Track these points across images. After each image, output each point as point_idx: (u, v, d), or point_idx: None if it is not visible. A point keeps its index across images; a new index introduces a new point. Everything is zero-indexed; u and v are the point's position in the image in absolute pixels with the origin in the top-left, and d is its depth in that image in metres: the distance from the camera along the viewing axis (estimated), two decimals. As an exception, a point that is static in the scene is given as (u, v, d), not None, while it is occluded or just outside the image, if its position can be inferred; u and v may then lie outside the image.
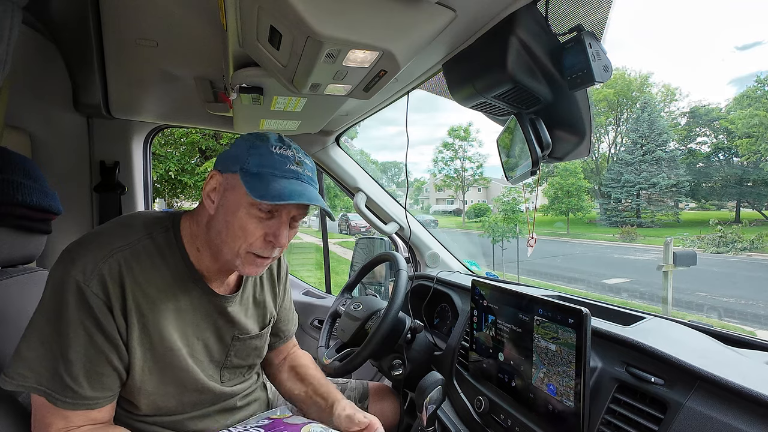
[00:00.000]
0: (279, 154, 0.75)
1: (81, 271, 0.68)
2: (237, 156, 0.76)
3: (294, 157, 0.77)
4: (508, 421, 0.90)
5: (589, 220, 26.05)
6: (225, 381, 0.89)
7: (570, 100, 0.83)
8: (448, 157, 29.56)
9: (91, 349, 0.68)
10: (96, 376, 0.69)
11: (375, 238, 1.94)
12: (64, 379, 0.66)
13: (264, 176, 0.73)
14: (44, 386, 0.66)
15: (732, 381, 0.62)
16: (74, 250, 0.72)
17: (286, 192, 0.71)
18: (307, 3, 0.57)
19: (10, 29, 0.64)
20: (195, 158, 10.96)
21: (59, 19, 1.00)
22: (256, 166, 0.74)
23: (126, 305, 0.71)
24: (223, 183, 0.76)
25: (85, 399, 0.68)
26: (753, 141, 20.81)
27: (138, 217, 0.81)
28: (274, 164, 0.74)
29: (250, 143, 0.76)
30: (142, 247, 0.75)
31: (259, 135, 0.78)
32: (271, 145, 0.76)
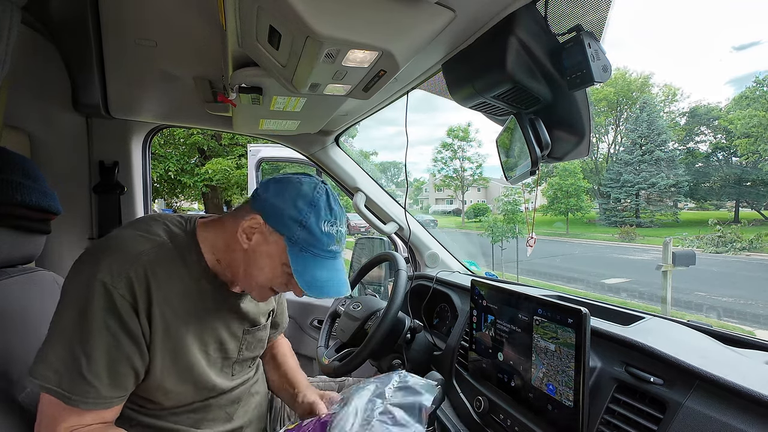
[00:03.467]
0: (326, 233, 0.78)
1: (108, 272, 0.69)
2: (285, 216, 0.77)
3: (337, 234, 0.80)
4: (507, 421, 0.90)
5: (588, 220, 26.07)
6: (235, 374, 0.92)
7: (569, 100, 0.83)
8: (448, 157, 29.58)
9: (115, 350, 0.69)
10: (117, 376, 0.70)
11: (374, 238, 1.94)
12: (86, 377, 0.67)
13: (308, 258, 0.78)
14: (63, 389, 0.66)
15: (731, 381, 0.62)
16: (99, 252, 0.72)
17: (324, 284, 0.78)
18: (306, 3, 0.57)
19: (9, 29, 0.64)
20: (194, 158, 10.96)
21: (58, 19, 1.00)
22: (303, 242, 0.77)
23: (151, 308, 0.72)
24: (265, 232, 0.78)
25: (103, 398, 0.69)
26: (752, 141, 20.84)
27: (157, 220, 0.82)
28: (320, 245, 0.78)
29: (302, 211, 0.77)
30: (165, 251, 0.77)
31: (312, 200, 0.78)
32: (322, 219, 0.78)
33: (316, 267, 0.78)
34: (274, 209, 0.78)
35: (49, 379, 0.66)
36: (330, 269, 0.80)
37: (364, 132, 69.62)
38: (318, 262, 0.78)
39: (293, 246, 0.77)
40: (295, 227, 0.76)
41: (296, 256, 0.77)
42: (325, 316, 1.44)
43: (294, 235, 0.77)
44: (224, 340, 0.87)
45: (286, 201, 0.77)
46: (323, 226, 0.78)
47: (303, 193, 0.78)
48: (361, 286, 1.71)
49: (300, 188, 0.79)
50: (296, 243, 0.77)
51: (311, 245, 0.77)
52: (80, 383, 0.67)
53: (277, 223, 0.77)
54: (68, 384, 0.66)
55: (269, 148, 3.86)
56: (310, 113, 1.25)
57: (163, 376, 0.76)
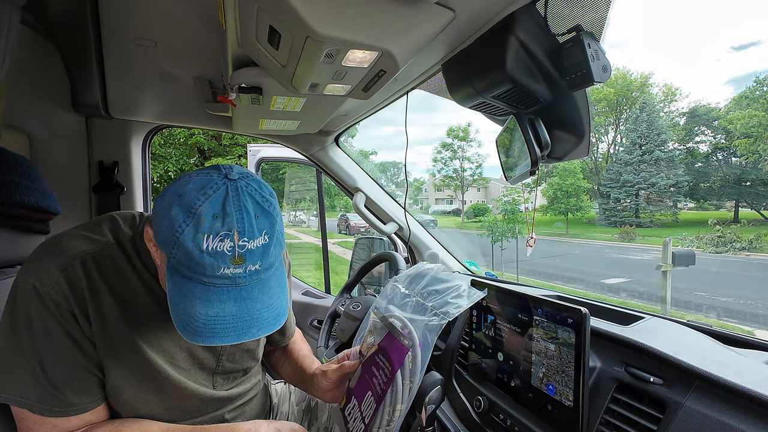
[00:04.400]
0: (210, 252, 0.57)
1: (38, 277, 0.64)
2: (161, 230, 0.60)
3: (233, 250, 0.57)
4: (507, 421, 0.90)
5: (588, 220, 26.09)
6: (218, 386, 0.86)
7: (569, 100, 0.83)
8: (447, 157, 29.59)
9: (64, 357, 0.65)
10: (77, 381, 0.66)
11: (374, 238, 1.94)
12: (46, 389, 0.63)
13: (189, 286, 0.58)
14: (27, 398, 0.63)
15: (730, 380, 0.62)
16: (33, 256, 0.68)
17: (209, 327, 0.57)
18: (306, 3, 0.57)
19: (9, 29, 0.64)
20: (194, 158, 10.96)
21: (58, 19, 1.00)
22: (180, 265, 0.58)
23: (88, 311, 0.67)
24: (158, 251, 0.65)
25: (74, 405, 0.65)
26: (752, 141, 20.87)
27: (106, 220, 0.76)
28: (202, 269, 0.57)
29: (176, 220, 0.57)
30: (107, 252, 0.70)
31: (190, 206, 0.58)
32: (201, 231, 0.57)
33: (197, 299, 0.58)
34: (156, 219, 0.61)
35: (10, 389, 0.63)
36: (223, 302, 0.58)
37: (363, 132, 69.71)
38: (203, 292, 0.58)
39: (172, 271, 0.60)
40: (171, 245, 0.58)
41: (174, 284, 0.59)
42: (324, 316, 1.44)
43: (170, 256, 0.58)
44: (194, 350, 0.79)
45: (163, 208, 0.59)
46: (204, 242, 0.56)
47: (183, 196, 0.58)
48: (360, 286, 1.71)
49: (183, 188, 0.59)
50: (174, 267, 0.59)
51: (191, 270, 0.58)
52: (43, 393, 0.63)
53: (157, 238, 0.61)
54: (31, 393, 0.63)
55: (269, 148, 3.85)
56: (309, 113, 1.25)
57: (120, 384, 0.71)
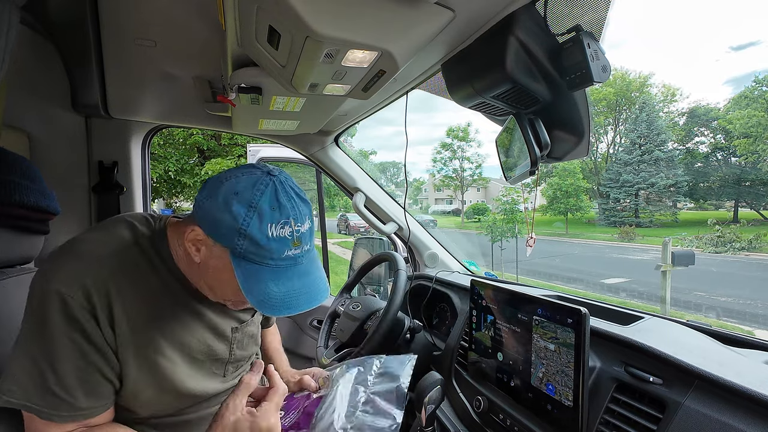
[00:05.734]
0: (276, 238, 0.64)
1: (63, 282, 0.64)
2: (222, 226, 0.64)
3: (292, 235, 0.66)
4: (507, 421, 0.90)
5: (587, 220, 26.09)
6: (228, 375, 0.89)
7: (569, 100, 0.83)
8: (447, 157, 29.60)
9: (81, 361, 0.65)
10: (89, 386, 0.67)
11: (374, 238, 1.94)
12: (56, 393, 0.63)
13: (259, 270, 0.65)
14: (34, 403, 0.63)
15: (730, 380, 0.62)
16: (56, 260, 0.68)
17: (285, 299, 0.65)
18: (306, 3, 0.57)
19: (8, 29, 0.64)
20: (194, 158, 10.96)
21: (57, 19, 1.00)
22: (248, 253, 0.64)
23: (113, 316, 0.67)
24: (210, 245, 0.68)
25: (80, 410, 0.66)
26: (751, 141, 20.86)
27: (119, 222, 0.76)
28: (270, 254, 0.65)
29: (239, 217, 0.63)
30: (129, 255, 0.72)
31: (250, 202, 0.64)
32: (266, 221, 0.64)
33: (270, 281, 0.65)
34: (211, 218, 0.65)
35: (16, 394, 0.63)
36: (291, 279, 0.67)
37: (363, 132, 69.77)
38: (273, 273, 0.66)
39: (239, 260, 0.65)
40: (235, 238, 0.64)
41: (244, 272, 0.65)
42: (324, 316, 1.44)
43: (237, 247, 0.64)
44: (211, 342, 0.82)
45: (220, 206, 0.64)
46: (270, 230, 0.64)
47: (240, 194, 0.65)
48: (360, 286, 1.71)
49: (235, 188, 0.65)
50: (242, 256, 0.65)
51: (260, 256, 0.65)
52: (50, 398, 0.63)
53: (216, 235, 0.66)
54: (38, 399, 0.63)
55: (269, 148, 3.85)
56: (309, 113, 1.25)
57: (138, 386, 0.72)
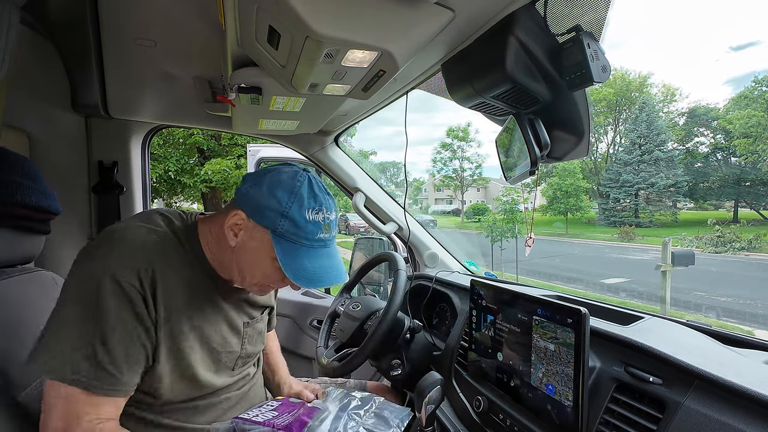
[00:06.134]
0: (312, 221, 0.76)
1: (115, 264, 0.70)
2: (266, 209, 0.76)
3: (324, 221, 0.78)
4: (507, 421, 0.90)
5: (587, 220, 26.09)
6: (236, 369, 0.92)
7: (568, 100, 0.83)
8: (447, 157, 29.58)
9: (129, 337, 0.70)
10: (132, 361, 0.71)
11: (374, 238, 1.94)
12: (105, 366, 0.68)
13: (296, 248, 0.76)
14: (81, 375, 0.66)
15: (730, 380, 0.62)
16: (103, 245, 0.73)
17: (317, 273, 0.76)
18: (305, 3, 0.57)
19: (8, 29, 0.64)
20: (194, 158, 10.94)
21: (57, 19, 1.00)
22: (288, 233, 0.76)
23: (156, 298, 0.73)
24: (250, 228, 0.78)
25: (123, 384, 0.70)
26: (751, 141, 20.84)
27: (160, 213, 0.83)
28: (306, 235, 0.76)
29: (282, 201, 0.76)
30: (168, 242, 0.78)
31: (292, 189, 0.76)
32: (305, 207, 0.76)
33: (305, 257, 0.77)
34: (256, 203, 0.77)
35: (66, 370, 0.66)
36: (321, 258, 0.79)
37: (363, 132, 69.76)
38: (307, 252, 0.77)
39: (279, 239, 0.76)
40: (277, 219, 0.75)
41: (283, 249, 0.76)
42: (324, 316, 1.44)
43: (278, 227, 0.75)
44: (226, 335, 0.87)
45: (265, 193, 0.76)
46: (308, 214, 0.76)
47: (283, 183, 0.77)
48: (360, 286, 1.71)
49: (279, 178, 0.78)
50: (282, 235, 0.76)
51: (297, 236, 0.76)
52: (101, 372, 0.67)
53: (260, 217, 0.76)
54: (90, 373, 0.67)
55: (269, 148, 3.86)
56: (309, 113, 1.26)
57: (162, 370, 0.76)
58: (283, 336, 1.90)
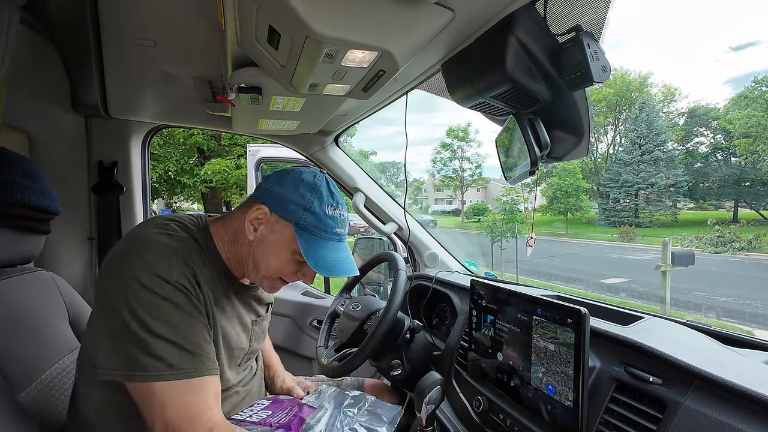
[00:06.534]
0: (331, 216, 0.83)
1: (157, 267, 0.71)
2: (290, 203, 0.81)
3: (340, 217, 0.85)
4: (507, 421, 0.90)
5: (587, 220, 26.09)
6: (242, 365, 0.94)
7: (568, 100, 0.83)
8: (447, 157, 29.58)
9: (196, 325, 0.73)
10: (209, 344, 0.75)
11: (374, 238, 1.94)
12: (196, 353, 0.71)
13: (316, 240, 0.82)
14: (182, 368, 0.68)
15: (730, 380, 0.62)
16: (136, 250, 0.73)
17: (335, 264, 0.82)
18: (305, 3, 0.57)
19: (8, 29, 0.64)
20: (194, 158, 10.94)
21: (58, 19, 1.00)
22: (311, 225, 0.81)
23: (204, 295, 0.77)
24: (271, 222, 0.82)
25: (215, 364, 0.74)
26: (751, 141, 20.83)
27: (171, 219, 0.84)
28: (325, 228, 0.82)
29: (305, 197, 0.82)
30: (190, 245, 0.80)
31: (314, 187, 0.83)
32: (325, 203, 0.83)
33: (324, 249, 0.82)
34: (279, 198, 0.82)
35: (160, 367, 0.67)
36: (338, 251, 0.84)
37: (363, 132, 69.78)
38: (326, 244, 0.82)
39: (302, 231, 0.81)
40: (300, 212, 0.81)
41: (305, 240, 0.81)
42: (324, 316, 1.44)
43: (301, 220, 0.81)
44: (239, 331, 0.89)
45: (289, 189, 0.82)
46: (327, 209, 0.82)
47: (305, 181, 0.83)
48: (360, 286, 1.71)
49: (301, 176, 0.84)
50: (304, 228, 0.81)
51: (318, 228, 0.81)
52: (195, 359, 0.70)
53: (283, 211, 0.81)
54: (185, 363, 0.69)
55: (268, 148, 3.85)
56: (309, 113, 1.26)
57: None
58: (283, 336, 1.90)
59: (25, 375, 0.83)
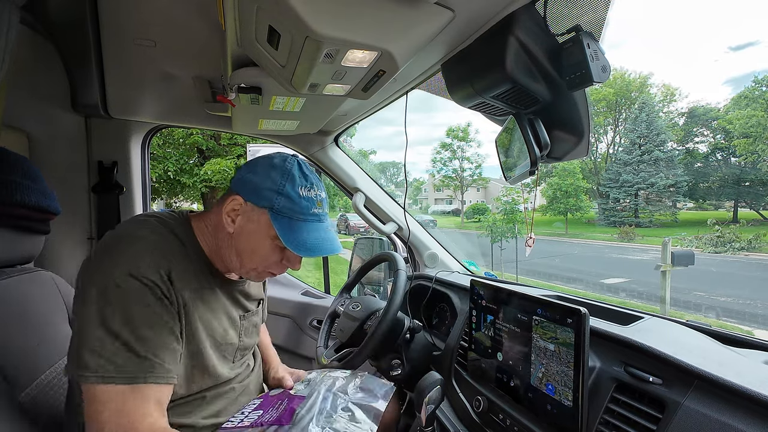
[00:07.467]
0: (305, 197, 0.82)
1: (131, 266, 0.71)
2: (263, 190, 0.80)
3: (317, 197, 0.84)
4: (506, 421, 0.90)
5: (587, 220, 26.09)
6: (236, 362, 0.94)
7: (568, 100, 0.83)
8: (447, 157, 29.57)
9: (161, 328, 0.72)
10: (169, 350, 0.73)
11: (374, 238, 1.94)
12: (148, 357, 0.69)
13: (293, 222, 0.80)
14: (129, 372, 0.67)
15: (730, 380, 0.62)
16: (114, 247, 0.74)
17: (316, 244, 0.80)
18: (305, 3, 0.57)
19: (8, 29, 0.64)
20: (194, 158, 10.93)
21: (57, 19, 1.00)
22: (285, 209, 0.80)
23: (177, 293, 0.76)
24: (247, 211, 0.82)
25: (167, 371, 0.71)
26: (751, 141, 20.82)
27: (152, 216, 0.84)
28: (301, 209, 0.81)
29: (276, 181, 0.81)
30: (171, 242, 0.80)
31: (284, 170, 0.82)
32: (297, 185, 0.81)
33: (303, 231, 0.81)
34: (252, 186, 0.81)
35: (108, 368, 0.66)
36: (318, 231, 0.83)
37: (363, 132, 69.76)
38: (304, 226, 0.81)
39: (276, 215, 0.80)
40: (274, 197, 0.80)
41: (282, 224, 0.80)
42: (324, 316, 1.44)
43: (275, 204, 0.80)
44: (226, 327, 0.89)
45: (261, 176, 0.81)
46: (301, 191, 0.81)
47: (275, 165, 0.83)
48: (360, 286, 1.71)
49: (272, 161, 0.83)
50: (279, 212, 0.80)
51: (294, 211, 0.80)
52: (144, 363, 0.68)
53: (257, 198, 0.81)
54: (133, 366, 0.68)
55: (268, 148, 3.86)
56: (309, 113, 1.26)
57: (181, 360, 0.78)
58: (283, 336, 1.90)
59: (25, 375, 0.83)
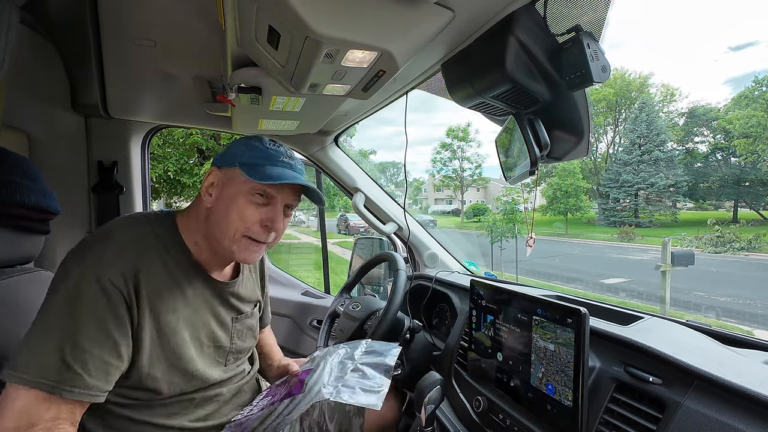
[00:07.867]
0: (273, 149, 0.86)
1: (97, 265, 0.71)
2: (234, 153, 0.85)
3: (286, 152, 0.89)
4: (506, 421, 0.90)
5: (587, 220, 26.09)
6: (229, 365, 0.94)
7: (568, 100, 0.83)
8: (447, 157, 29.56)
9: (102, 335, 0.69)
10: (102, 364, 0.69)
11: (374, 238, 1.94)
12: (71, 366, 0.66)
13: (261, 165, 0.83)
14: (48, 379, 0.65)
15: (729, 380, 0.62)
16: (87, 247, 0.75)
17: (283, 175, 0.82)
18: (305, 3, 0.57)
19: (8, 29, 0.64)
20: (194, 158, 10.93)
21: (57, 19, 1.00)
22: (253, 158, 0.84)
23: (140, 297, 0.74)
24: (222, 177, 0.85)
25: (88, 388, 0.68)
26: (751, 141, 20.83)
27: (138, 216, 0.85)
28: (269, 156, 0.85)
29: (245, 142, 0.87)
30: (149, 242, 0.80)
31: (254, 136, 0.89)
32: (265, 143, 0.87)
33: (270, 166, 0.84)
34: (224, 155, 0.87)
35: (31, 370, 0.64)
36: (285, 169, 0.85)
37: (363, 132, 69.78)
38: (273, 166, 0.84)
39: (245, 165, 0.83)
40: (243, 151, 0.85)
41: (251, 168, 0.82)
42: (324, 316, 1.44)
43: (244, 158, 0.84)
44: (214, 329, 0.89)
45: (233, 146, 0.88)
46: (269, 146, 0.87)
47: (245, 139, 0.89)
48: (360, 286, 1.71)
49: (242, 138, 0.90)
50: (248, 162, 0.83)
51: (263, 158, 0.84)
52: (65, 372, 0.66)
53: (228, 160, 0.85)
54: (54, 374, 0.65)
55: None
56: (309, 113, 1.26)
57: (152, 364, 0.77)
58: (283, 336, 1.90)
59: None
